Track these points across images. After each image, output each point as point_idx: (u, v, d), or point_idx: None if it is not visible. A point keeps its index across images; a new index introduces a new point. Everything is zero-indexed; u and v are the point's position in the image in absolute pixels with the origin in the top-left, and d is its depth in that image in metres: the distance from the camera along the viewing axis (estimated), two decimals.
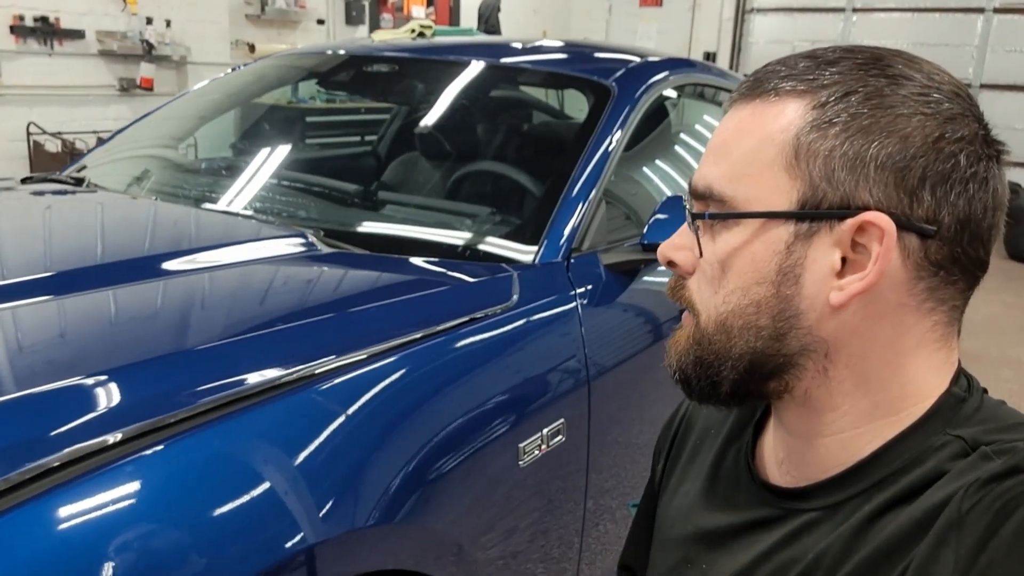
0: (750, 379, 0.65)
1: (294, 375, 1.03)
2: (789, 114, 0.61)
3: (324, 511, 0.95)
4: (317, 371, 1.06)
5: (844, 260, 0.60)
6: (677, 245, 0.68)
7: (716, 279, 0.65)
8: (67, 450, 0.83)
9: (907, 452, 0.61)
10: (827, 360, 0.62)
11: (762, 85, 0.63)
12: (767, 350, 0.63)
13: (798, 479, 0.67)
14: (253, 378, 1.01)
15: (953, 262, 0.60)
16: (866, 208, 0.58)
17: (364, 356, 1.11)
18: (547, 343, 1.42)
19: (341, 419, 1.04)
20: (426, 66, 2.23)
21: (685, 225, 0.68)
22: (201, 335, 1.15)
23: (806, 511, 0.65)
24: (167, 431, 0.89)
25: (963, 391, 0.63)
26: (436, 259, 1.52)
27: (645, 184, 2.08)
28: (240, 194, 1.83)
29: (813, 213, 0.59)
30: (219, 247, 1.42)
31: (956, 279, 0.61)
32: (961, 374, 0.65)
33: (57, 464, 0.82)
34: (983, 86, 7.71)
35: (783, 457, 0.69)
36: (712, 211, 0.64)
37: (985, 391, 0.65)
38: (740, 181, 0.63)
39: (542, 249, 1.55)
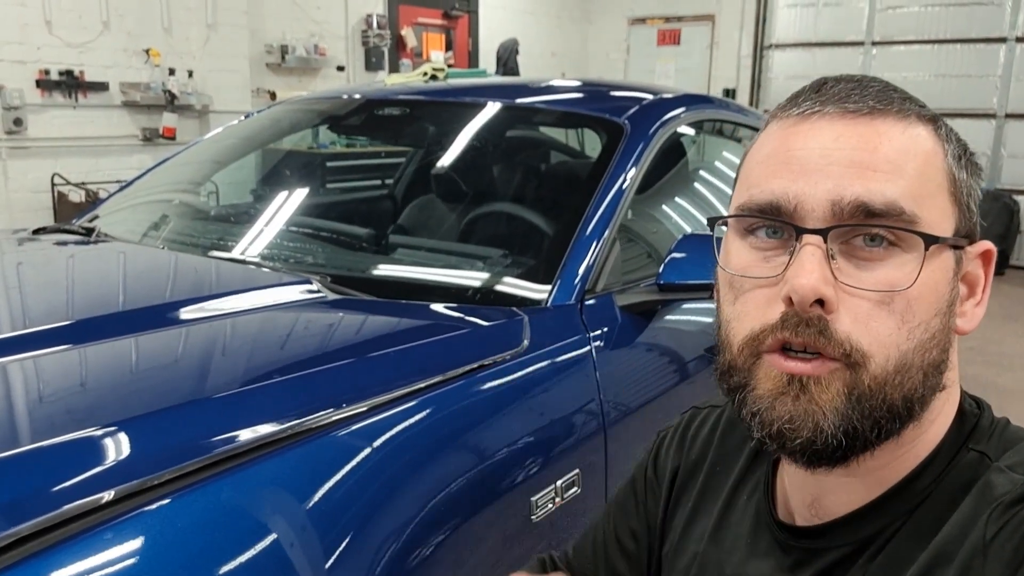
0: (911, 424, 0.58)
1: (292, 429, 0.99)
2: (931, 140, 0.59)
3: (327, 569, 0.91)
4: (315, 425, 1.01)
5: None
6: (825, 279, 0.55)
7: (897, 313, 0.55)
8: (69, 506, 0.80)
9: (936, 470, 0.59)
10: (942, 391, 0.60)
11: (882, 101, 0.59)
12: (936, 387, 0.59)
13: (823, 516, 0.63)
14: (252, 432, 0.97)
15: None
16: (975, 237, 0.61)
17: (365, 408, 1.07)
18: (560, 389, 1.36)
19: (344, 472, 1.00)
20: (439, 108, 2.21)
21: (814, 253, 0.56)
22: (196, 387, 1.11)
23: (833, 548, 0.61)
24: (171, 485, 0.87)
25: (972, 407, 0.63)
26: (444, 304, 1.48)
27: (661, 222, 2.03)
28: (249, 241, 1.80)
29: (964, 240, 0.60)
30: (222, 296, 1.39)
31: None
32: (964, 392, 0.64)
33: (60, 520, 0.79)
34: (1008, 116, 7.61)
35: (812, 499, 0.63)
36: (941, 234, 0.57)
37: (990, 407, 0.64)
38: (923, 202, 0.57)
39: (555, 291, 1.50)
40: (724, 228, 0.64)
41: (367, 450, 1.04)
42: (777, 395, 0.57)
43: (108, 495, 0.83)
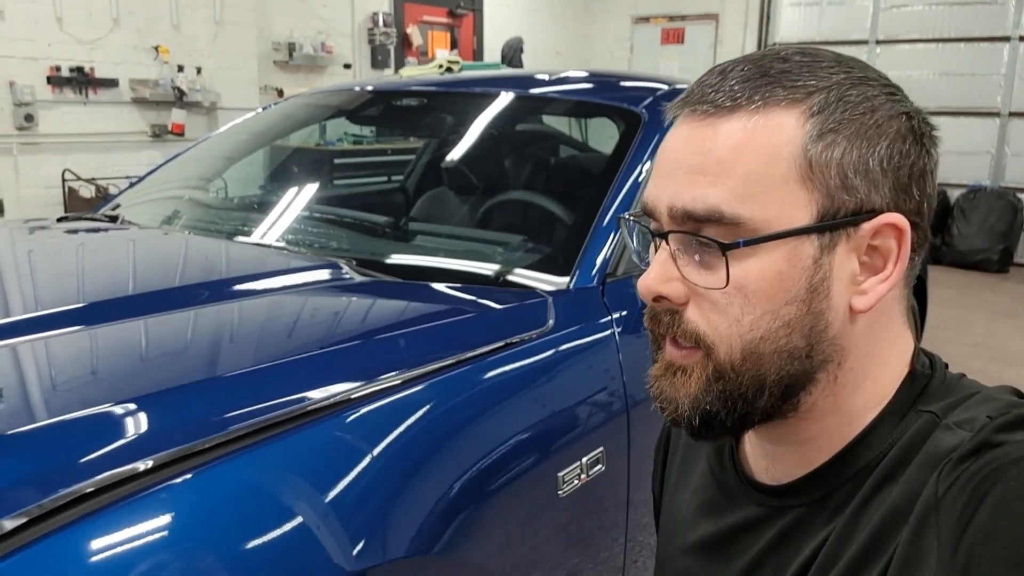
0: (782, 403, 0.62)
1: (330, 400, 1.01)
2: (788, 126, 0.59)
3: (358, 542, 0.93)
4: (353, 396, 1.04)
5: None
6: (663, 276, 0.62)
7: (737, 306, 0.60)
8: (98, 477, 0.81)
9: (885, 434, 0.62)
10: (839, 368, 0.62)
11: (735, 97, 0.60)
12: (801, 369, 0.61)
13: (783, 477, 0.67)
14: (285, 405, 0.99)
15: (921, 245, 0.63)
16: (879, 210, 0.59)
17: (400, 381, 1.09)
18: (584, 368, 1.39)
19: (377, 446, 1.02)
20: (456, 99, 2.24)
21: (662, 253, 0.62)
22: (240, 361, 1.13)
23: (795, 507, 0.65)
24: (200, 458, 0.87)
25: (925, 368, 0.65)
26: (469, 286, 1.51)
27: None
28: (274, 228, 1.83)
29: (838, 222, 0.59)
30: (255, 278, 1.41)
31: (917, 259, 0.63)
32: (920, 351, 0.66)
33: (89, 491, 0.80)
34: (1011, 114, 7.63)
35: (767, 464, 0.69)
36: (743, 238, 0.59)
37: (947, 366, 0.66)
38: (752, 200, 0.58)
39: (576, 273, 1.53)
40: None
41: (402, 423, 1.06)
42: (659, 376, 0.65)
43: (147, 463, 0.84)
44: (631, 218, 0.68)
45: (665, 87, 2.06)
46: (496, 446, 1.16)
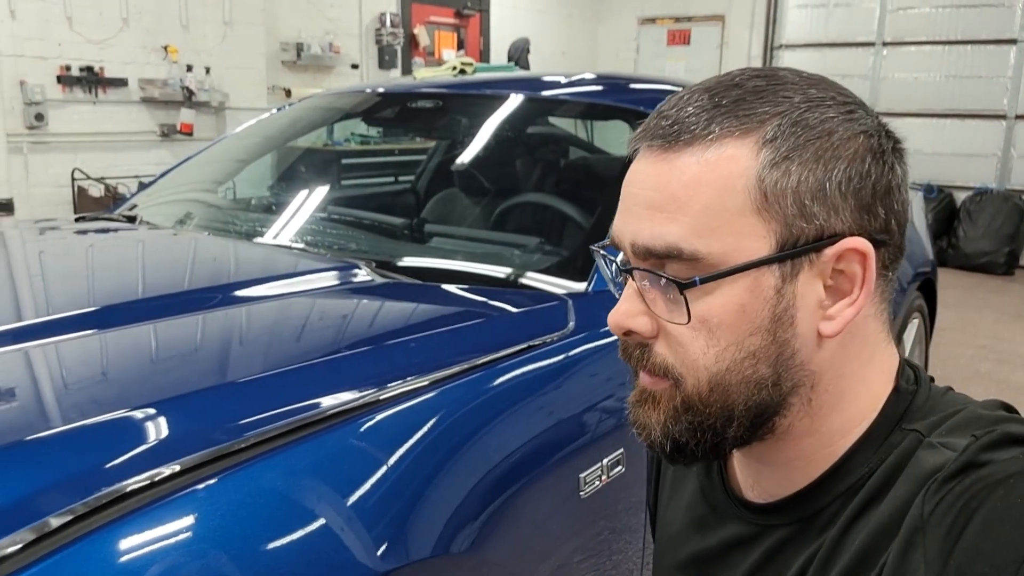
0: (753, 431, 0.63)
1: (359, 402, 1.02)
2: (741, 157, 0.58)
3: (383, 543, 0.93)
4: (381, 398, 1.05)
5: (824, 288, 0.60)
6: (631, 312, 0.62)
7: (702, 339, 0.60)
8: (127, 481, 0.82)
9: (870, 454, 0.62)
10: (812, 391, 0.62)
11: (689, 130, 0.59)
12: (769, 398, 0.61)
13: (769, 496, 0.68)
14: (314, 407, 0.99)
15: (894, 260, 0.63)
16: (840, 235, 0.59)
17: (427, 383, 1.11)
18: (604, 369, 1.40)
19: (402, 447, 1.03)
20: (470, 100, 2.25)
21: (630, 288, 0.63)
22: (268, 363, 1.15)
23: (781, 526, 0.65)
24: (226, 461, 0.88)
25: (910, 383, 0.64)
26: (489, 288, 1.52)
27: None
28: (293, 229, 1.84)
29: (798, 251, 0.59)
30: (278, 278, 1.43)
31: (891, 274, 0.64)
32: (906, 366, 0.66)
33: (120, 494, 0.80)
34: (1018, 117, 7.62)
35: (752, 482, 0.70)
36: (700, 275, 0.59)
37: (932, 379, 0.66)
38: (710, 235, 0.58)
39: (595, 277, 1.54)
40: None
41: (429, 424, 1.07)
42: (634, 403, 0.66)
43: (173, 468, 0.84)
44: (600, 250, 0.70)
45: (680, 90, 2.07)
46: (520, 446, 1.17)
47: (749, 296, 0.59)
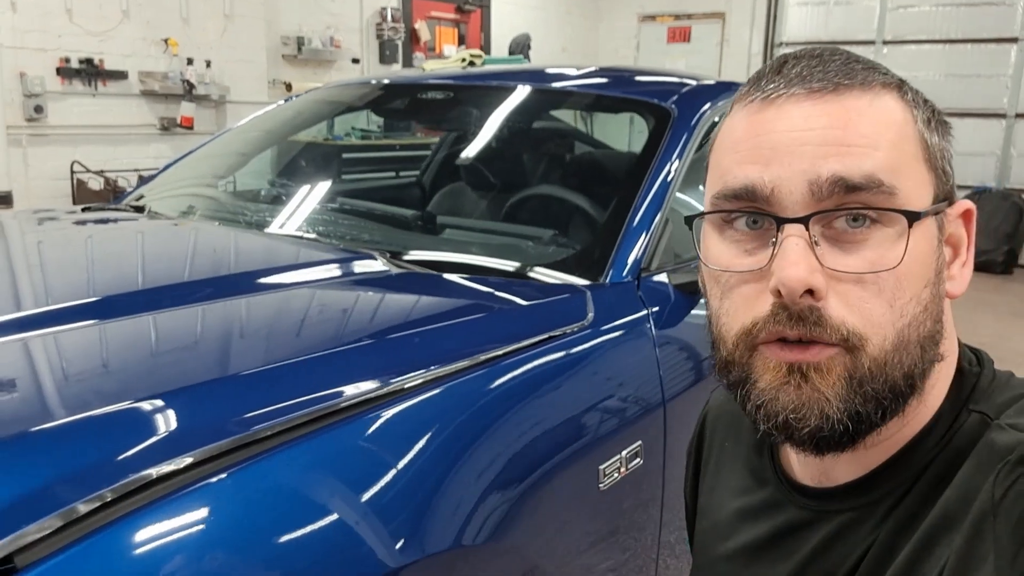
0: (914, 399, 0.58)
1: (381, 392, 1.01)
2: (899, 108, 0.59)
3: (402, 535, 0.92)
4: (406, 386, 1.04)
5: None
6: (813, 266, 0.54)
7: (889, 290, 0.55)
8: (141, 473, 0.80)
9: (939, 436, 0.59)
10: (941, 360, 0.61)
11: (845, 76, 0.57)
12: (932, 359, 0.58)
13: (829, 482, 0.64)
14: (331, 396, 0.98)
15: None
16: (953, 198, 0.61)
17: (447, 372, 1.09)
18: (623, 361, 1.39)
19: (422, 438, 1.02)
20: (481, 93, 2.23)
21: (793, 242, 0.55)
22: (285, 354, 1.13)
23: (842, 511, 0.62)
24: (245, 451, 0.87)
25: (972, 365, 0.62)
26: (505, 280, 1.50)
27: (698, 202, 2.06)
28: (305, 219, 1.83)
29: (942, 206, 0.59)
30: (294, 268, 1.41)
31: None
32: (964, 347, 0.64)
33: (145, 482, 0.79)
34: (1018, 116, 7.64)
35: (815, 467, 0.65)
36: (920, 203, 0.55)
37: (992, 362, 0.64)
38: (899, 174, 0.56)
39: (611, 269, 1.53)
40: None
41: (451, 413, 1.07)
42: (779, 386, 0.57)
43: (185, 460, 0.82)
44: (730, 208, 0.59)
45: (693, 83, 2.06)
46: (540, 437, 1.16)
47: (926, 244, 0.57)
